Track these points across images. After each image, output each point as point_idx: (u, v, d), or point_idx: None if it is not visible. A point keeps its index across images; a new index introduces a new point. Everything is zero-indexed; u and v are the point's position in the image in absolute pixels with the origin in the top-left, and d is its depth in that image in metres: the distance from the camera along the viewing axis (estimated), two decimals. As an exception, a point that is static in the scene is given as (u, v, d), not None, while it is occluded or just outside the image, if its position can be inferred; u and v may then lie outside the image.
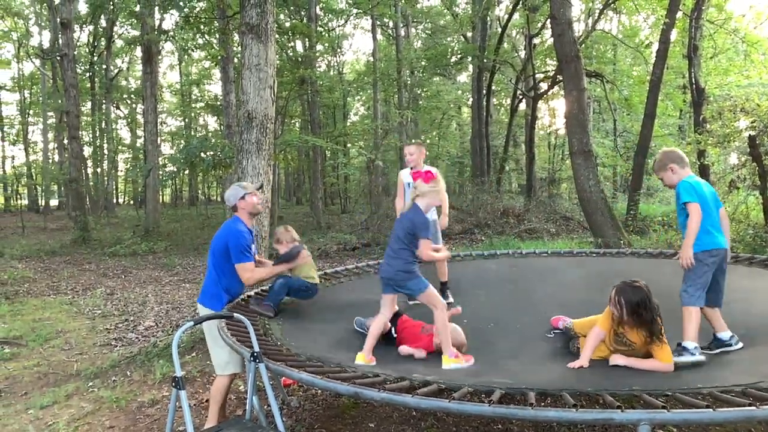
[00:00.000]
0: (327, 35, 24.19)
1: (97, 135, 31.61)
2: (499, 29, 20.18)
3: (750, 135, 8.59)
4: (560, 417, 2.31)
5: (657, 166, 3.64)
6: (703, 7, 13.97)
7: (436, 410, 2.89)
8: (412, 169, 5.17)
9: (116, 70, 30.76)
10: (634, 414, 2.20)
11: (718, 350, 3.37)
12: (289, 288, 4.23)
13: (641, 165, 13.30)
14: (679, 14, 13.59)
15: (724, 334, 3.38)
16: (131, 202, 39.83)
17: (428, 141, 28.01)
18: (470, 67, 22.50)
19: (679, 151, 3.63)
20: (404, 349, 3.57)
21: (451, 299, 4.97)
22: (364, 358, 3.32)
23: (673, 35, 14.28)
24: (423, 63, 21.92)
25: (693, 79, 13.66)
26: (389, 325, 3.74)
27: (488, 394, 2.53)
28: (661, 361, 3.06)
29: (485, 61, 19.10)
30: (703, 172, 13.45)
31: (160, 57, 27.96)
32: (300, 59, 19.72)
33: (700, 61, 14.82)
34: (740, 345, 3.37)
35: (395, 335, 3.77)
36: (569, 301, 4.57)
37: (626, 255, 6.34)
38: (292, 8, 19.95)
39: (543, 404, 3.72)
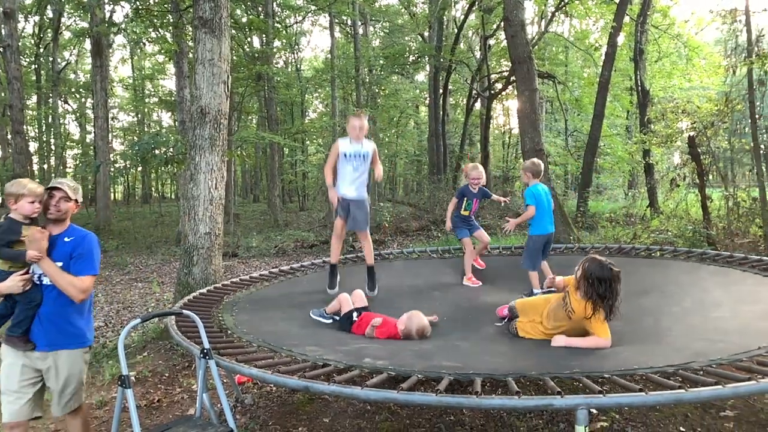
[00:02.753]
0: (284, 31, 23.94)
1: (44, 130, 30.37)
2: (455, 29, 20.42)
3: (690, 135, 9.01)
4: (504, 404, 2.41)
5: (528, 167, 5.38)
6: (649, 13, 14.55)
7: (384, 401, 2.96)
8: (359, 142, 4.90)
9: (64, 63, 29.59)
10: (572, 399, 2.30)
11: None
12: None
13: (591, 164, 13.74)
14: (627, 19, 14.11)
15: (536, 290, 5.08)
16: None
17: (387, 139, 28.11)
18: (427, 66, 22.70)
19: (541, 166, 5.44)
20: (367, 332, 3.98)
21: (376, 291, 5.12)
22: (471, 281, 5.49)
23: (621, 39, 14.81)
24: (381, 61, 21.98)
25: (639, 82, 14.22)
26: (353, 306, 4.25)
27: (437, 381, 2.60)
28: (599, 336, 3.25)
29: (441, 60, 19.30)
30: (648, 170, 14.04)
31: (110, 50, 27.11)
32: (256, 55, 19.47)
33: (646, 64, 15.45)
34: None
35: (355, 319, 4.10)
36: (518, 295, 4.73)
37: (574, 250, 6.56)
38: (248, 3, 19.66)
39: (488, 386, 3.88)
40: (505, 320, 4.06)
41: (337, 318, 4.32)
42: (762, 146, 9.38)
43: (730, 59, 9.72)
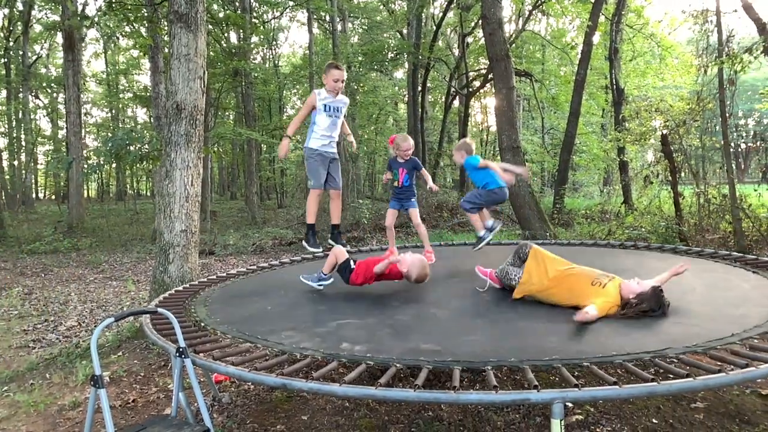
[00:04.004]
0: (262, 27, 23.71)
1: (14, 125, 29.62)
2: (434, 27, 20.47)
3: (663, 133, 9.19)
4: (481, 399, 2.43)
5: (461, 146, 5.30)
6: (623, 12, 14.78)
7: (362, 397, 2.95)
8: (336, 94, 4.73)
9: (35, 57, 28.89)
10: (548, 394, 2.32)
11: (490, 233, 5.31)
12: None
13: (567, 161, 13.92)
14: (602, 18, 14.31)
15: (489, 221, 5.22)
16: (53, 197, 37.64)
17: (366, 136, 28.07)
18: (406, 63, 22.71)
19: (473, 145, 5.33)
20: (380, 266, 4.11)
21: (343, 242, 5.12)
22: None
23: (596, 38, 15.04)
24: (360, 58, 21.94)
25: (614, 80, 14.44)
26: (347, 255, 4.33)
27: (415, 370, 2.61)
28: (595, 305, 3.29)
29: (420, 58, 19.35)
30: (623, 167, 14.27)
31: (83, 44, 26.52)
32: (234, 50, 19.27)
33: (620, 63, 15.70)
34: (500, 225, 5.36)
35: (353, 267, 4.19)
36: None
37: (551, 246, 6.64)
38: (225, -2, 19.46)
39: (466, 381, 3.91)
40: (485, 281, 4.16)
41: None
42: (732, 144, 9.60)
43: (701, 59, 9.91)
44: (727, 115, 8.67)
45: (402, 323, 3.49)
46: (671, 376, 2.47)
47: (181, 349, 2.84)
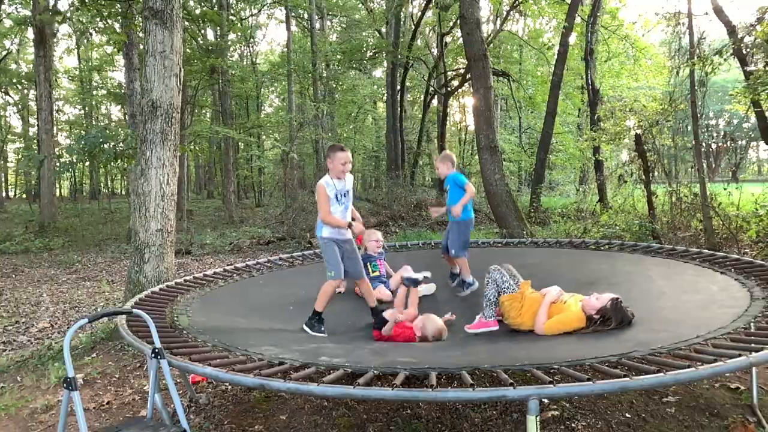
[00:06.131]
0: (239, 24, 23.48)
1: (-18, 122, 28.88)
2: (413, 26, 20.52)
3: (636, 133, 9.36)
4: (459, 397, 2.45)
5: (446, 157, 5.22)
6: (599, 14, 14.99)
7: (341, 397, 2.96)
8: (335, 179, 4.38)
9: (4, 53, 28.16)
10: (524, 390, 2.35)
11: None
12: None
13: (543, 160, 14.09)
14: (578, 19, 14.50)
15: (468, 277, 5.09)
16: (24, 195, 36.78)
17: (344, 134, 28.01)
18: (385, 62, 22.72)
19: (454, 156, 5.28)
20: (386, 329, 3.97)
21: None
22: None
23: (572, 39, 15.22)
24: (338, 56, 21.89)
25: (589, 81, 14.63)
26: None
27: (393, 376, 2.62)
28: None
29: (399, 57, 19.38)
30: (598, 166, 14.49)
31: (55, 40, 25.93)
32: (210, 48, 19.05)
33: (596, 63, 15.91)
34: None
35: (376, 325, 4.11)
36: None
37: (527, 244, 6.72)
38: (202, -6, 19.22)
39: (444, 380, 3.95)
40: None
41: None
42: (702, 144, 9.80)
43: (673, 60, 10.11)
44: (698, 115, 8.86)
45: (379, 344, 3.53)
46: (642, 373, 2.52)
47: (156, 350, 2.81)
